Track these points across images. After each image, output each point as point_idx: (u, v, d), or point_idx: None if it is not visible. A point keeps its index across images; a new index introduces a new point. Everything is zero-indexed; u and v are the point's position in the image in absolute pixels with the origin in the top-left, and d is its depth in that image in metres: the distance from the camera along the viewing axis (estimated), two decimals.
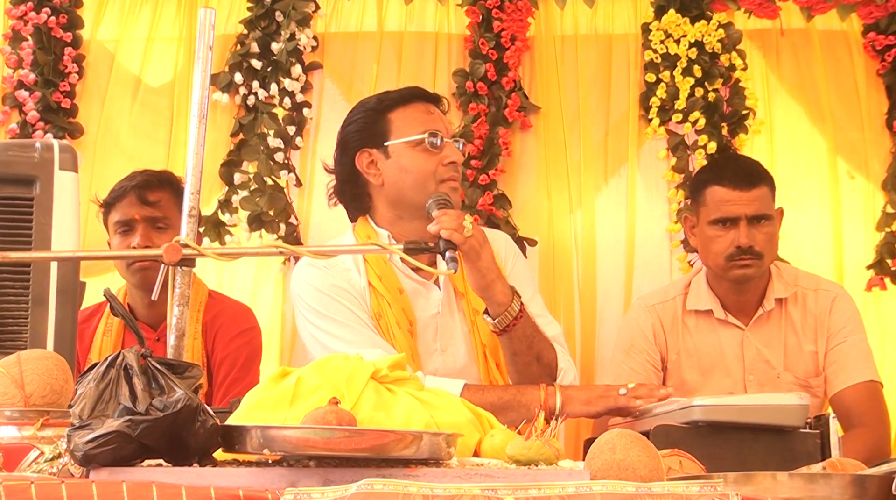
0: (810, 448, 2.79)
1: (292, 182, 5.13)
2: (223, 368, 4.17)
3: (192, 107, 2.53)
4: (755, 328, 4.15)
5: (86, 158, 4.93)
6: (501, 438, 2.30)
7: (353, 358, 2.41)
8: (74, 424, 2.00)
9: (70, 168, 2.86)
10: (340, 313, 3.54)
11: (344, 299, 3.55)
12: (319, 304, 3.56)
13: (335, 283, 3.57)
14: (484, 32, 5.18)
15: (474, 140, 5.08)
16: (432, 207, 3.34)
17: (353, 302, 3.56)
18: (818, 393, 4.09)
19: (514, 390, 3.46)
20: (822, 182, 5.22)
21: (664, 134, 5.18)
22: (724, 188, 4.07)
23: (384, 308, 3.57)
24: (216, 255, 2.55)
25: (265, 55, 5.16)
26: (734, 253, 4.02)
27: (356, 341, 3.46)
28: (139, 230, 4.08)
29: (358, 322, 3.54)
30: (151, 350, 2.09)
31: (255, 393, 2.35)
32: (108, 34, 5.31)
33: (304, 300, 3.60)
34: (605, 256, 5.18)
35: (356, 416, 2.10)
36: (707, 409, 2.82)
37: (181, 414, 1.98)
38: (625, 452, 2.03)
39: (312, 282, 3.59)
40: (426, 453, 2.02)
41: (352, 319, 3.54)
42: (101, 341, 4.14)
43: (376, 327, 3.55)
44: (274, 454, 2.00)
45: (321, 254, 2.66)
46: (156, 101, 5.26)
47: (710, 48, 5.15)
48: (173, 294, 2.46)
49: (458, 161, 3.59)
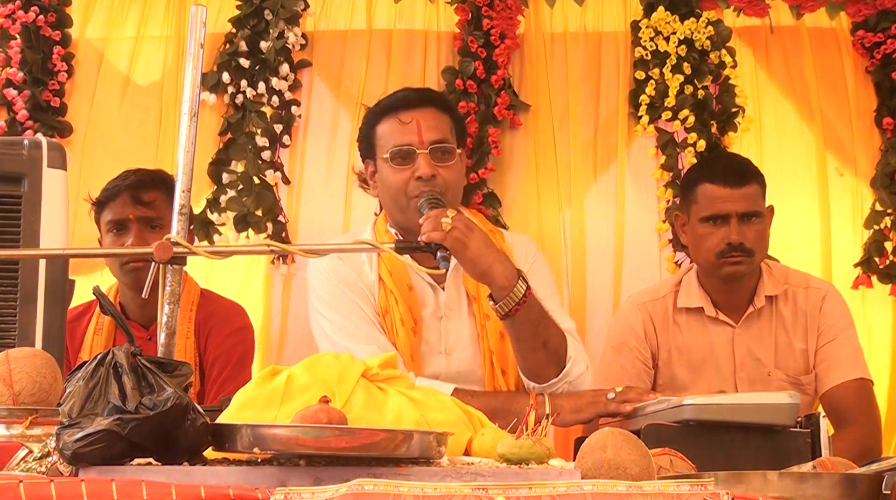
0: (801, 447, 2.79)
1: (280, 181, 5.11)
2: (216, 367, 4.16)
3: (183, 104, 2.53)
4: (746, 326, 4.16)
5: (75, 157, 4.92)
6: (492, 436, 2.29)
7: (343, 356, 2.41)
8: (63, 422, 1.99)
9: (58, 166, 2.85)
10: (345, 306, 3.64)
11: (351, 292, 3.65)
12: (328, 294, 3.68)
13: (346, 275, 3.68)
14: (473, 30, 5.16)
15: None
16: (423, 207, 3.35)
17: (361, 296, 3.65)
18: (808, 391, 4.10)
19: (503, 398, 3.50)
20: (812, 179, 5.22)
21: (653, 132, 5.17)
22: (714, 186, 4.08)
23: (391, 304, 3.65)
24: (207, 253, 2.54)
25: (254, 54, 5.14)
26: (725, 250, 4.04)
27: (356, 335, 3.58)
28: (133, 230, 4.07)
29: (362, 316, 3.62)
30: (141, 348, 2.08)
31: (245, 392, 2.35)
32: (96, 32, 5.29)
33: (315, 289, 3.72)
34: (594, 254, 5.16)
35: (347, 414, 2.10)
36: (698, 408, 2.82)
37: (171, 413, 1.98)
38: (615, 451, 2.03)
39: (325, 272, 3.71)
40: (417, 451, 2.02)
41: (356, 312, 3.63)
42: (92, 340, 4.14)
43: (381, 324, 3.63)
44: (264, 452, 1.99)
45: (311, 253, 2.66)
46: (144, 99, 5.23)
47: (700, 45, 5.14)
48: (164, 292, 2.45)
49: (427, 174, 3.59)
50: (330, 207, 5.15)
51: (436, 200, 3.34)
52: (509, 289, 3.35)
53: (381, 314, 3.65)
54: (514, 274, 3.38)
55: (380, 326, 3.65)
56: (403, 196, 3.60)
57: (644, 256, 5.17)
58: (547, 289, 3.70)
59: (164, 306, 2.45)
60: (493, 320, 3.64)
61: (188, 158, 2.50)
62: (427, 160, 3.60)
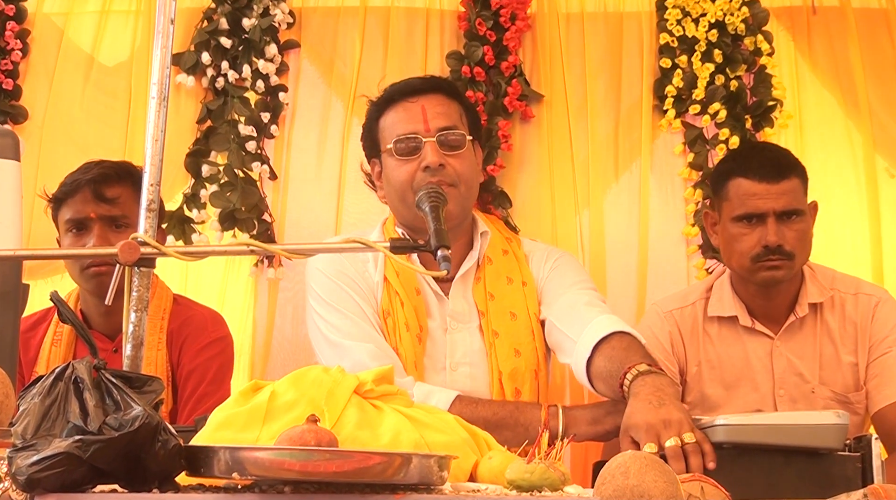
0: (850, 473, 2.79)
1: (266, 175, 5.10)
2: (190, 382, 4.13)
3: (151, 87, 2.53)
4: (786, 337, 4.13)
5: (31, 146, 4.91)
6: (500, 460, 2.30)
7: (333, 371, 2.41)
8: (16, 444, 2.00)
9: (10, 156, 2.85)
10: (344, 303, 3.70)
11: (351, 290, 3.72)
12: (325, 291, 3.74)
13: (346, 272, 3.74)
14: (481, 10, 5.14)
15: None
16: (422, 201, 3.28)
17: (361, 294, 3.71)
18: (858, 410, 4.08)
19: (511, 407, 3.52)
20: (858, 181, 5.19)
21: (680, 126, 5.16)
22: (749, 181, 4.03)
23: (396, 307, 3.70)
24: (179, 254, 2.51)
25: (236, 32, 5.13)
26: (761, 253, 3.99)
27: (353, 334, 3.64)
28: (95, 230, 4.02)
29: (360, 315, 3.68)
30: (105, 361, 2.07)
31: (224, 410, 2.35)
32: (55, 7, 5.27)
33: (312, 287, 3.79)
34: (614, 261, 5.14)
35: (337, 435, 2.11)
36: (732, 429, 2.82)
37: (139, 433, 1.98)
38: (639, 477, 2.02)
39: (324, 269, 3.78)
40: (416, 477, 2.01)
41: (355, 311, 3.69)
42: (49, 352, 4.10)
43: (382, 327, 3.67)
44: (244, 478, 1.99)
45: (296, 253, 2.64)
46: (111, 81, 5.21)
47: (733, 29, 5.13)
48: (130, 299, 2.43)
49: (434, 163, 3.63)
50: (320, 206, 5.14)
51: (436, 195, 3.24)
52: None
53: (382, 317, 3.69)
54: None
55: (380, 328, 3.69)
56: (409, 191, 3.63)
57: (670, 263, 5.15)
58: (577, 284, 3.81)
59: (130, 314, 2.43)
60: (503, 336, 3.67)
61: (157, 147, 2.50)
62: (434, 148, 3.64)
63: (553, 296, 3.81)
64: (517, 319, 3.77)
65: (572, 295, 3.77)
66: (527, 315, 3.78)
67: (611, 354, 3.39)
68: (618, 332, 3.47)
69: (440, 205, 2.95)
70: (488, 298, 3.74)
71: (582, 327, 3.56)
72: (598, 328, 3.50)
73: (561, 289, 3.81)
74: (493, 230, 3.91)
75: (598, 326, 3.51)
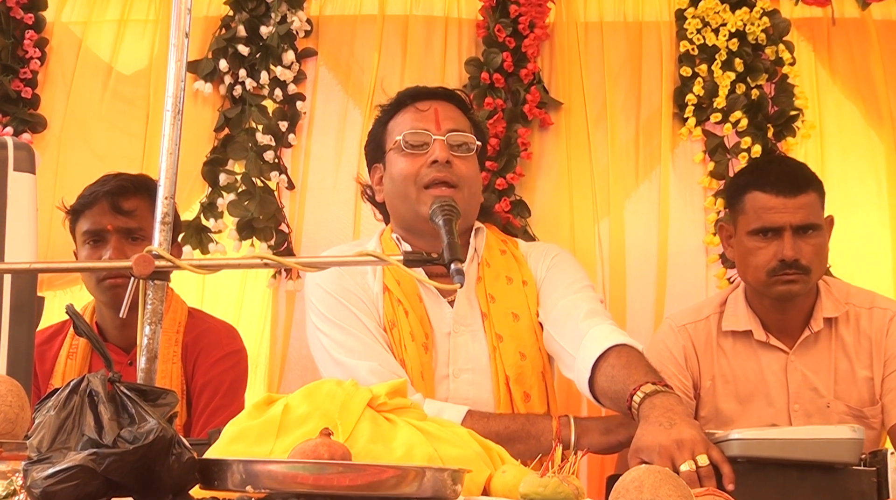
0: (865, 488, 2.79)
1: (283, 184, 5.12)
2: (205, 395, 4.14)
3: (166, 100, 2.52)
4: (801, 351, 4.13)
5: (49, 156, 4.92)
6: (514, 474, 2.30)
7: (346, 384, 2.41)
8: (32, 457, 1.99)
9: (26, 169, 2.85)
10: (347, 320, 3.69)
11: (353, 305, 3.70)
12: (327, 308, 3.73)
13: (346, 286, 3.73)
14: (500, 18, 5.16)
15: (489, 139, 5.01)
16: (436, 214, 3.26)
17: (363, 309, 3.70)
18: (874, 425, 4.07)
19: (522, 420, 3.51)
20: (880, 192, 5.18)
21: (701, 135, 5.16)
22: (765, 194, 4.02)
23: (399, 316, 3.69)
24: (193, 267, 2.52)
25: (253, 40, 5.15)
26: (777, 267, 3.99)
27: (358, 351, 3.62)
28: (111, 242, 4.05)
29: (364, 331, 3.66)
30: (120, 374, 2.08)
31: (238, 423, 2.35)
32: (74, 16, 5.31)
33: (313, 303, 3.77)
34: (634, 271, 5.14)
35: (351, 449, 2.10)
36: (747, 443, 2.82)
37: (153, 447, 1.97)
38: (653, 491, 2.02)
39: (324, 285, 3.75)
40: (429, 491, 2.01)
41: (358, 327, 3.67)
42: (65, 365, 4.12)
43: (386, 340, 3.66)
44: (258, 491, 1.99)
45: (311, 267, 2.65)
46: (129, 90, 5.23)
47: (754, 39, 5.13)
48: (144, 311, 2.44)
49: (442, 159, 3.66)
50: (337, 215, 5.14)
51: (450, 208, 3.21)
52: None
53: (387, 329, 3.69)
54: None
55: (385, 342, 3.68)
56: (413, 186, 3.65)
57: (690, 273, 5.14)
58: (574, 284, 3.78)
59: (144, 327, 2.43)
60: (507, 339, 3.67)
61: (171, 160, 2.49)
62: (443, 145, 3.68)
63: (551, 300, 3.78)
64: (519, 320, 3.77)
65: (568, 301, 3.73)
66: (529, 315, 3.79)
67: (611, 373, 3.34)
68: (615, 346, 3.41)
69: (454, 218, 2.96)
70: (489, 299, 3.74)
71: (578, 341, 3.52)
72: (594, 345, 3.45)
73: (557, 292, 3.79)
74: (488, 231, 3.93)
75: (594, 340, 3.46)
